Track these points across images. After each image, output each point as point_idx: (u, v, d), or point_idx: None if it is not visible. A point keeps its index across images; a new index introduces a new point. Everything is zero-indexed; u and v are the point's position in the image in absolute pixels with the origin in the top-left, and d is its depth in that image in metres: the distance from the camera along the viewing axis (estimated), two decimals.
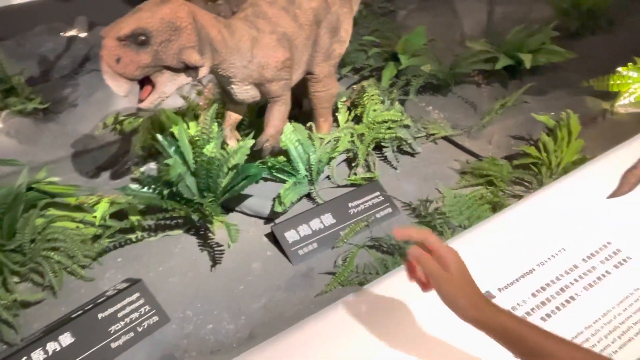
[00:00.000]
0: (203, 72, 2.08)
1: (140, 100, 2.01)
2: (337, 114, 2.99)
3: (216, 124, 2.49)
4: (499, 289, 1.18)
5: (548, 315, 1.14)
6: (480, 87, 3.40)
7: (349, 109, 3.03)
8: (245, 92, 2.33)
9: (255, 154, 2.50)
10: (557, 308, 1.16)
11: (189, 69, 2.02)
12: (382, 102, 2.98)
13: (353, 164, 2.80)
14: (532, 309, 1.15)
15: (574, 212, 1.36)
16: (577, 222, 1.33)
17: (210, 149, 2.24)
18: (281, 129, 2.49)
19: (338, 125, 2.98)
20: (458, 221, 2.23)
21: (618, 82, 2.83)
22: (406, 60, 3.30)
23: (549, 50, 3.35)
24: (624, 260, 1.25)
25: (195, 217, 2.33)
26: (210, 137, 2.37)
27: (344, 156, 2.85)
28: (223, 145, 2.49)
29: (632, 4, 4.21)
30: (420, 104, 3.19)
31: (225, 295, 2.19)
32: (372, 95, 2.96)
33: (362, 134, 2.82)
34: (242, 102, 2.44)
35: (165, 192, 2.36)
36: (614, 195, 1.40)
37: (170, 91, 2.02)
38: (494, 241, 1.29)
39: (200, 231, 2.49)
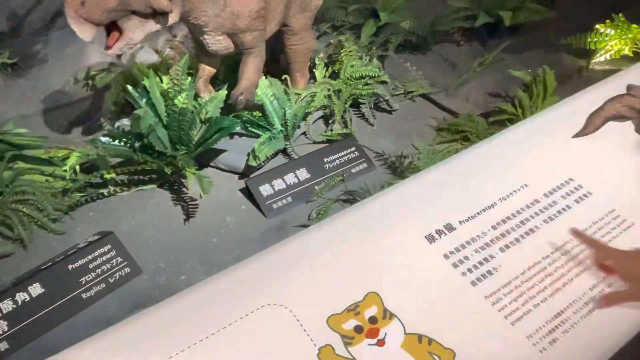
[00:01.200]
0: (173, 18, 2.01)
1: (107, 47, 1.94)
2: (314, 70, 2.93)
3: (189, 77, 2.43)
4: (460, 222, 1.18)
5: (507, 246, 1.15)
6: (460, 46, 3.36)
7: (326, 65, 2.98)
8: (218, 43, 2.27)
9: (229, 108, 2.45)
10: (516, 240, 1.17)
11: (158, 14, 1.95)
12: (360, 58, 2.94)
13: (330, 121, 2.76)
14: (492, 240, 1.16)
15: (539, 151, 1.36)
16: (541, 160, 1.34)
17: (181, 100, 2.19)
18: (256, 82, 2.43)
19: (315, 81, 2.94)
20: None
21: (595, 39, 2.82)
22: (386, 16, 3.24)
23: (528, 9, 3.32)
24: (584, 195, 1.26)
25: (168, 170, 2.29)
26: (182, 88, 2.31)
27: (320, 113, 2.82)
28: (196, 98, 2.44)
29: None
30: (398, 61, 3.15)
31: (199, 248, 2.17)
32: (350, 51, 2.91)
33: (339, 90, 2.78)
34: (215, 54, 2.37)
35: (137, 145, 2.31)
36: (579, 134, 1.40)
37: (138, 38, 1.96)
38: (459, 176, 1.28)
39: (174, 186, 2.46)
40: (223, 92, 2.29)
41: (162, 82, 2.52)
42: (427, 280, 1.07)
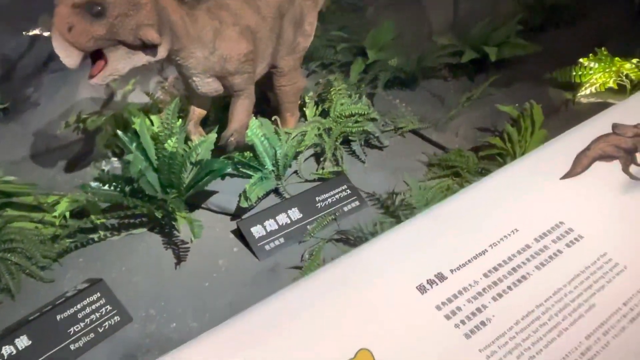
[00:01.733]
0: (160, 53, 2.01)
1: (91, 76, 1.93)
2: (304, 108, 2.95)
3: (180, 119, 2.43)
4: (451, 270, 1.16)
5: (499, 295, 1.13)
6: (447, 81, 3.40)
7: (316, 103, 3.00)
8: (207, 85, 2.28)
9: (220, 150, 2.45)
10: (509, 287, 1.14)
11: (147, 47, 1.96)
12: (350, 96, 2.96)
13: (321, 158, 2.76)
14: (484, 289, 1.14)
15: (527, 193, 1.34)
16: (530, 203, 1.32)
17: (171, 144, 2.18)
18: (246, 123, 2.44)
19: (306, 120, 2.95)
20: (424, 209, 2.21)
21: (580, 73, 2.86)
22: (374, 54, 3.28)
23: (513, 44, 3.37)
24: (575, 239, 1.24)
25: (158, 214, 2.26)
26: (173, 131, 2.31)
27: (311, 151, 2.82)
28: (187, 141, 2.44)
29: None
30: (387, 97, 3.18)
31: (190, 293, 2.13)
32: (339, 89, 2.93)
33: (330, 128, 2.79)
34: (205, 96, 2.39)
35: (127, 189, 2.29)
36: (566, 176, 1.39)
37: (124, 69, 1.95)
38: (448, 223, 1.27)
39: (164, 229, 2.43)
40: (213, 135, 2.28)
41: (152, 124, 2.52)
42: (420, 334, 1.04)
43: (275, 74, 2.58)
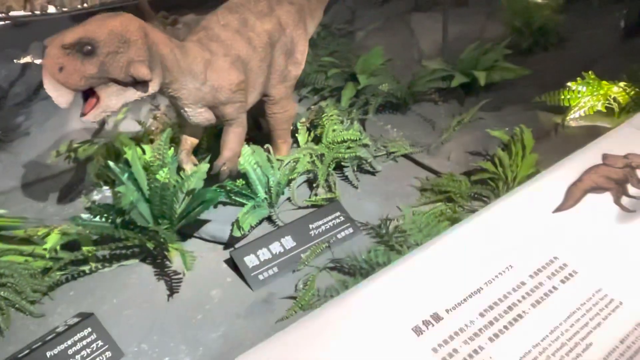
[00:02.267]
0: (152, 88, 2.01)
1: (83, 114, 1.92)
2: (296, 134, 2.96)
3: (172, 148, 2.42)
4: (447, 310, 1.14)
5: (496, 335, 1.11)
6: (438, 105, 3.42)
7: (308, 129, 3.01)
8: (199, 115, 2.28)
9: (213, 178, 2.43)
10: (505, 327, 1.12)
11: (138, 83, 1.95)
12: (342, 122, 2.97)
13: (314, 185, 2.75)
14: (480, 330, 1.12)
15: (520, 228, 1.32)
16: (523, 238, 1.30)
17: (163, 175, 2.16)
18: (238, 152, 2.43)
19: (298, 146, 2.95)
20: (417, 239, 2.21)
21: (569, 96, 2.89)
22: (364, 79, 3.31)
23: (502, 68, 3.41)
24: (570, 275, 1.23)
25: (150, 245, 2.24)
26: (165, 161, 2.30)
27: (304, 177, 2.81)
28: (179, 171, 2.42)
29: (580, 21, 4.34)
30: (379, 123, 3.19)
31: (183, 326, 2.09)
32: (331, 115, 2.94)
33: (322, 154, 2.79)
34: (197, 126, 2.38)
35: (119, 220, 2.27)
36: (559, 209, 1.37)
37: (116, 106, 1.94)
38: (441, 261, 1.25)
39: (157, 260, 2.40)
40: (205, 166, 2.27)
41: (144, 153, 2.51)
42: None
43: (267, 102, 2.59)
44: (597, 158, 1.48)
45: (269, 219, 2.58)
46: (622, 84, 2.77)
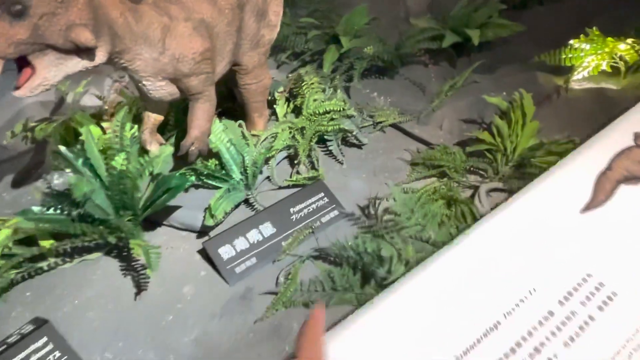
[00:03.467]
0: (99, 56, 1.69)
1: (17, 88, 1.60)
2: (274, 106, 2.65)
3: (134, 127, 2.12)
4: (457, 358, 0.88)
5: None
6: (428, 67, 3.11)
7: (287, 100, 2.70)
8: (160, 89, 1.97)
9: (184, 159, 2.15)
10: None
11: (81, 51, 1.63)
12: (323, 90, 2.66)
13: (295, 162, 2.47)
14: None
15: (542, 236, 1.05)
16: (547, 250, 1.02)
17: (120, 161, 1.87)
18: (208, 129, 2.14)
19: (277, 119, 2.65)
20: (410, 223, 1.95)
21: (570, 55, 2.60)
22: (347, 42, 2.98)
23: (496, 24, 3.10)
24: (609, 298, 0.93)
25: (112, 239, 1.97)
26: (123, 144, 2.00)
27: (285, 153, 2.53)
28: (144, 152, 2.13)
29: None
30: (364, 90, 2.89)
31: (152, 329, 1.85)
32: (312, 83, 2.63)
33: (303, 128, 2.50)
34: (160, 101, 2.07)
35: (75, 213, 1.98)
36: (588, 207, 1.10)
37: (56, 78, 1.62)
38: (447, 285, 0.98)
39: (122, 252, 2.13)
40: (169, 148, 1.98)
41: (105, 133, 2.20)
42: None
43: (238, 72, 2.27)
44: (627, 138, 1.20)
45: (247, 202, 2.31)
46: (629, 40, 2.47)
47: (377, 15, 3.53)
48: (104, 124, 2.23)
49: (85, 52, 1.64)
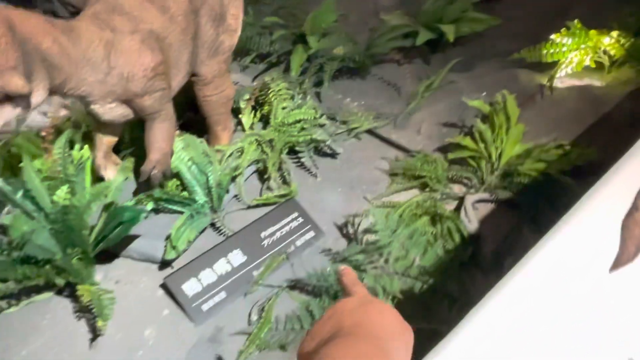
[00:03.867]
0: (37, 98, 1.47)
1: None
2: (240, 115, 2.43)
3: (82, 151, 1.88)
4: None
5: None
6: (401, 65, 2.93)
7: (253, 108, 2.48)
8: (111, 112, 1.74)
9: (146, 185, 1.93)
10: None
11: (13, 98, 1.41)
12: (292, 97, 2.45)
13: (265, 176, 2.26)
14: None
15: (563, 311, 0.85)
16: (571, 329, 0.81)
17: (63, 195, 1.63)
18: (169, 150, 1.92)
19: (243, 130, 2.44)
20: (393, 247, 1.78)
21: (552, 51, 2.44)
22: (315, 42, 2.76)
23: (471, 19, 2.92)
24: None
25: (60, 281, 1.74)
26: (68, 174, 1.76)
27: (254, 167, 2.31)
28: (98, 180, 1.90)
29: None
30: (336, 95, 2.69)
31: None
32: (279, 90, 2.42)
33: (272, 140, 2.29)
34: (112, 123, 1.85)
35: (16, 253, 1.74)
36: (617, 264, 0.91)
37: None
38: None
39: (75, 291, 1.89)
40: (120, 177, 1.75)
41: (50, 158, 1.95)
42: None
43: (197, 83, 2.05)
44: None
45: (213, 225, 2.10)
46: (614, 33, 2.33)
47: (346, 10, 3.32)
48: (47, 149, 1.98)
49: (20, 97, 1.41)
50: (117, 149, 2.15)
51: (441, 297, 1.62)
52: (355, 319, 0.64)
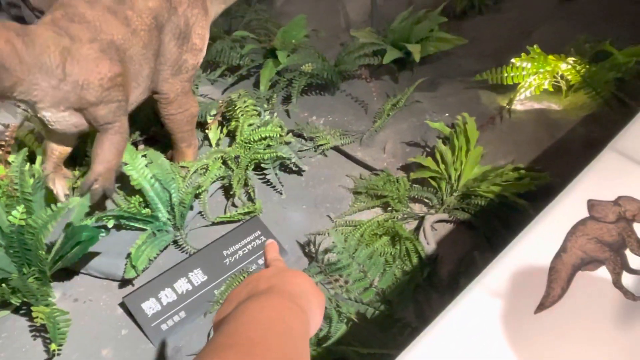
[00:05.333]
0: None
1: None
2: (207, 130, 2.42)
3: (42, 166, 1.84)
4: None
5: None
6: (370, 83, 2.95)
7: (221, 123, 2.48)
8: (63, 120, 1.71)
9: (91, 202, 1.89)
10: None
11: None
12: (259, 114, 2.45)
13: (230, 192, 2.26)
14: None
15: (488, 348, 0.86)
16: None
17: (18, 215, 1.59)
18: (114, 165, 1.86)
19: (210, 145, 2.43)
20: (352, 269, 1.79)
21: (512, 74, 2.49)
22: (285, 58, 2.76)
23: (437, 38, 2.96)
24: None
25: (15, 300, 1.70)
26: (25, 193, 1.72)
27: (219, 183, 2.30)
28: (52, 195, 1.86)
29: None
30: (304, 112, 2.69)
31: None
32: (246, 106, 2.41)
33: (237, 157, 2.28)
34: (64, 134, 1.81)
35: None
36: (542, 306, 0.92)
37: None
38: None
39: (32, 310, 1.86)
40: (75, 200, 1.71)
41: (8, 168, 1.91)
42: None
43: (159, 101, 2.03)
44: (581, 208, 1.05)
45: (176, 242, 2.08)
46: (570, 60, 2.40)
47: (317, 26, 3.35)
48: (12, 158, 1.94)
49: None
50: (74, 162, 2.12)
51: (395, 321, 1.63)
52: (271, 283, 0.68)
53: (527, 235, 1.00)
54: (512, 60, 2.51)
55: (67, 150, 1.97)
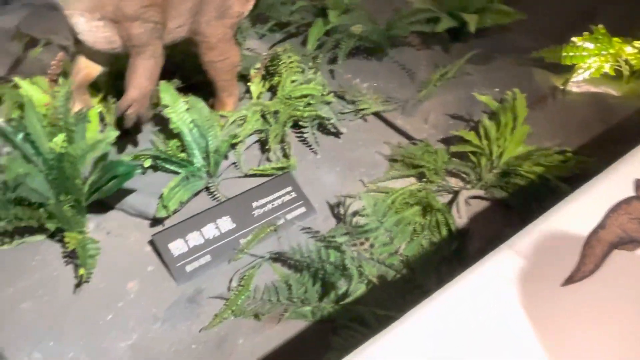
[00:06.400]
0: None
1: None
2: (249, 84, 2.41)
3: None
4: None
5: None
6: (419, 51, 2.86)
7: (264, 77, 2.45)
8: (96, 31, 1.69)
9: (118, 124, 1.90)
10: None
11: None
12: (303, 71, 2.41)
13: (266, 146, 2.25)
14: None
15: (509, 317, 0.81)
16: (514, 333, 0.78)
17: (60, 143, 1.64)
18: (148, 91, 1.84)
19: (252, 98, 2.42)
20: (379, 232, 1.77)
21: (572, 54, 2.35)
22: (335, 18, 2.70)
23: (496, 11, 2.83)
24: None
25: (51, 226, 1.76)
26: (68, 123, 1.76)
27: (256, 137, 2.30)
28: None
29: None
30: (349, 74, 2.64)
31: (88, 329, 1.67)
32: (291, 62, 2.38)
33: (277, 111, 2.26)
34: (94, 48, 1.79)
35: (10, 194, 1.76)
36: (571, 279, 0.88)
37: None
38: None
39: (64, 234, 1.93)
40: (112, 134, 1.74)
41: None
42: None
43: (201, 45, 2.00)
44: (626, 187, 0.97)
45: (208, 189, 2.10)
46: (637, 43, 2.24)
47: None
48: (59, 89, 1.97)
49: None
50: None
51: (415, 287, 1.61)
52: None
53: (565, 206, 0.95)
54: (573, 39, 2.36)
55: (94, 73, 1.93)
